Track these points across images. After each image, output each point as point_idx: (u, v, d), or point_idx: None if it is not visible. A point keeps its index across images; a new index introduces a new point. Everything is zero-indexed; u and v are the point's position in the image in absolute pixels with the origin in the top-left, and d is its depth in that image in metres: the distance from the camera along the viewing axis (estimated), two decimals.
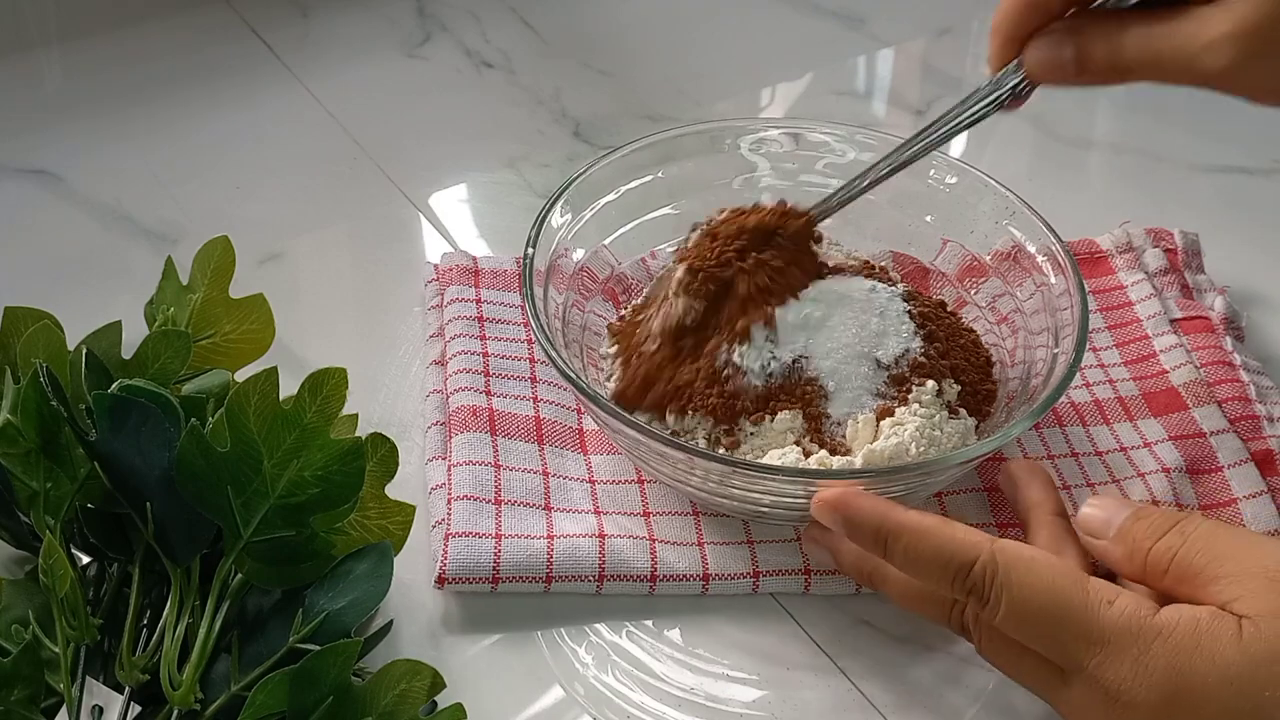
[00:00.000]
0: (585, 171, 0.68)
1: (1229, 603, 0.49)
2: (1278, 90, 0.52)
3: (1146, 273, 0.75)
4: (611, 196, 0.70)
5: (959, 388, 0.63)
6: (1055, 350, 0.63)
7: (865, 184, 0.64)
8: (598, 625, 0.60)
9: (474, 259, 0.75)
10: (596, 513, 0.63)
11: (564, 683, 0.58)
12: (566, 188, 0.67)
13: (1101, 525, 0.54)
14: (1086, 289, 0.64)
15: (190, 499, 0.52)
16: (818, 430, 0.61)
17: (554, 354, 0.60)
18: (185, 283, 0.63)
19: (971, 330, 0.68)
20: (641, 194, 0.71)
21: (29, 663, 0.50)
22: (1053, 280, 0.65)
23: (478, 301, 0.72)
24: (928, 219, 0.71)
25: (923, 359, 0.63)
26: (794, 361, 0.62)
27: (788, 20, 1.02)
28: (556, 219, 0.67)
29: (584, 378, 0.62)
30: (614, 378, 0.66)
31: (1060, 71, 0.55)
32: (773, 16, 1.02)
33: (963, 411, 0.63)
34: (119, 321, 0.59)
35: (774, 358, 0.62)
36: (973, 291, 0.70)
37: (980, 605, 0.51)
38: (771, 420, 0.61)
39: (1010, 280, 0.68)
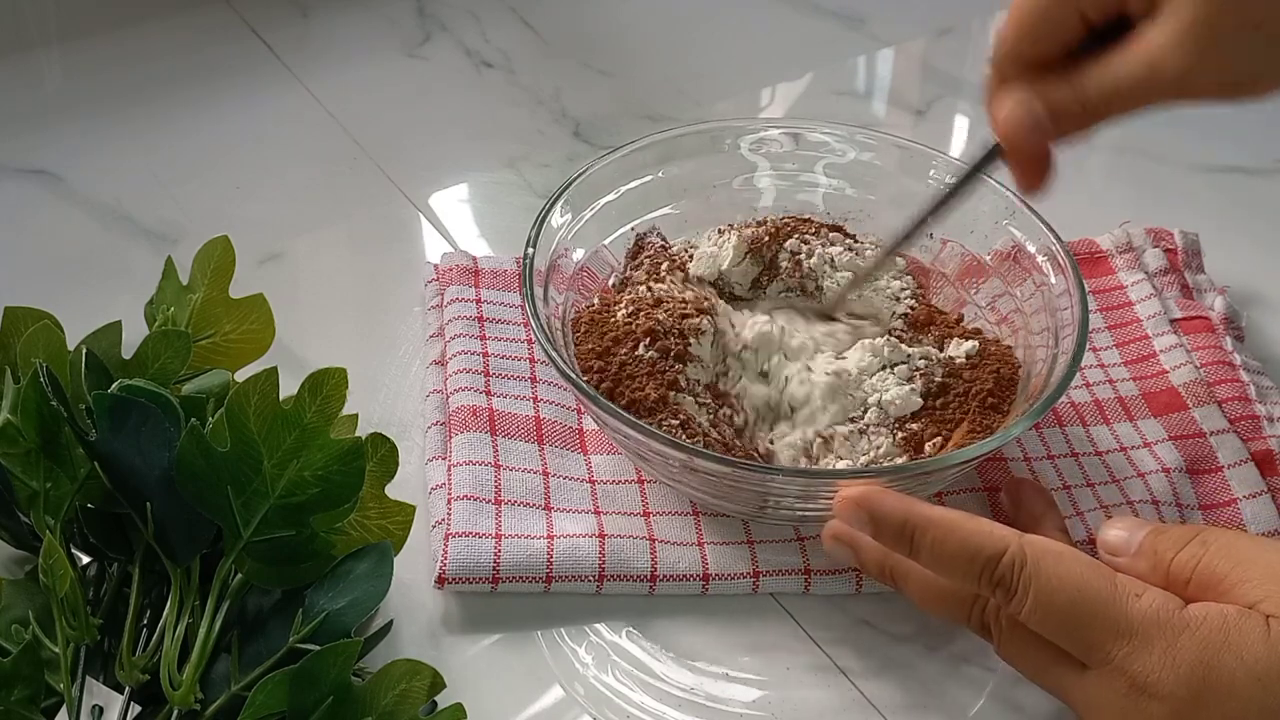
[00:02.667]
0: (585, 171, 0.68)
1: (1256, 603, 0.50)
2: (1240, 79, 0.53)
3: (1146, 273, 0.75)
4: (611, 196, 0.70)
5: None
6: (1055, 350, 0.63)
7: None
8: (598, 625, 0.60)
9: (474, 259, 0.75)
10: (596, 513, 0.63)
11: (564, 683, 0.58)
12: (566, 188, 0.67)
13: (1123, 543, 0.55)
14: (1086, 289, 0.64)
15: (190, 499, 0.52)
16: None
17: (554, 354, 0.60)
18: (185, 283, 0.63)
19: (996, 343, 0.67)
20: (641, 194, 0.71)
21: (29, 663, 0.50)
22: (1053, 280, 0.65)
23: (478, 301, 0.72)
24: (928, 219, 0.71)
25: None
26: None
27: (788, 20, 1.02)
28: (556, 219, 0.67)
29: (584, 378, 0.62)
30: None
31: (1038, 130, 0.55)
32: (773, 16, 1.02)
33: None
34: (119, 321, 0.59)
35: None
36: (973, 292, 0.70)
37: (1007, 598, 0.51)
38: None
39: (1010, 280, 0.68)
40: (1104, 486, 0.65)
